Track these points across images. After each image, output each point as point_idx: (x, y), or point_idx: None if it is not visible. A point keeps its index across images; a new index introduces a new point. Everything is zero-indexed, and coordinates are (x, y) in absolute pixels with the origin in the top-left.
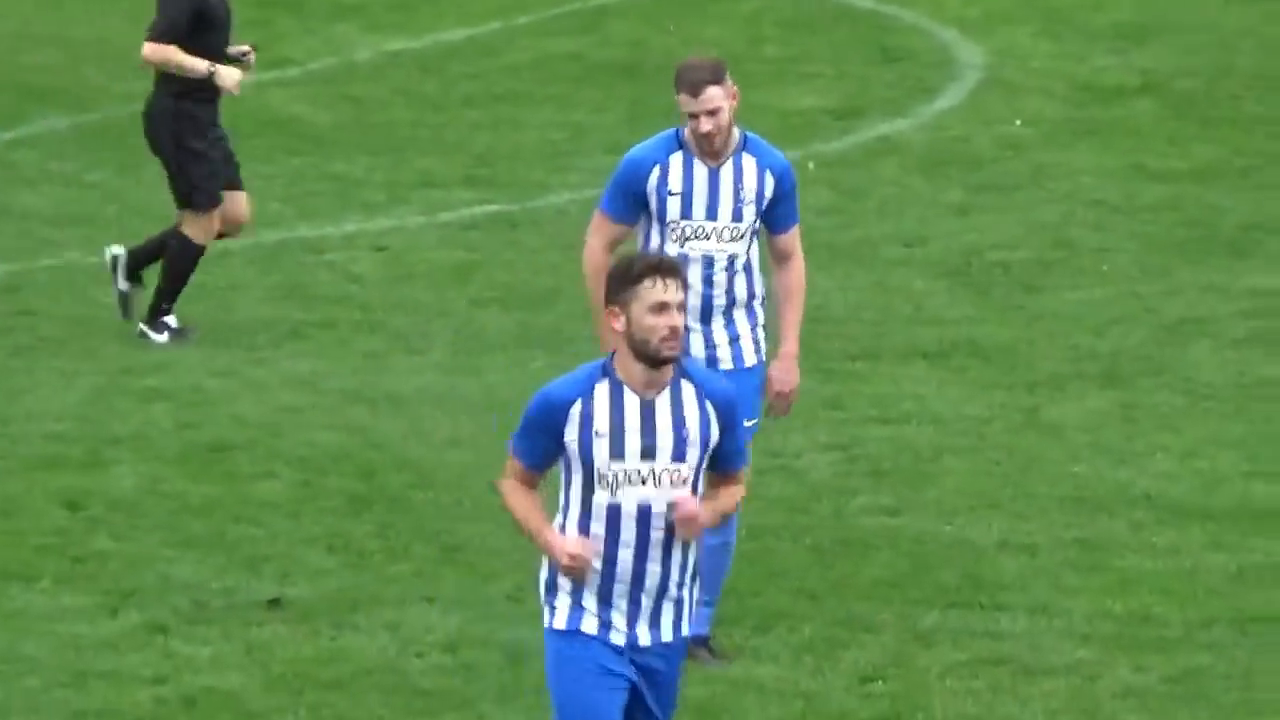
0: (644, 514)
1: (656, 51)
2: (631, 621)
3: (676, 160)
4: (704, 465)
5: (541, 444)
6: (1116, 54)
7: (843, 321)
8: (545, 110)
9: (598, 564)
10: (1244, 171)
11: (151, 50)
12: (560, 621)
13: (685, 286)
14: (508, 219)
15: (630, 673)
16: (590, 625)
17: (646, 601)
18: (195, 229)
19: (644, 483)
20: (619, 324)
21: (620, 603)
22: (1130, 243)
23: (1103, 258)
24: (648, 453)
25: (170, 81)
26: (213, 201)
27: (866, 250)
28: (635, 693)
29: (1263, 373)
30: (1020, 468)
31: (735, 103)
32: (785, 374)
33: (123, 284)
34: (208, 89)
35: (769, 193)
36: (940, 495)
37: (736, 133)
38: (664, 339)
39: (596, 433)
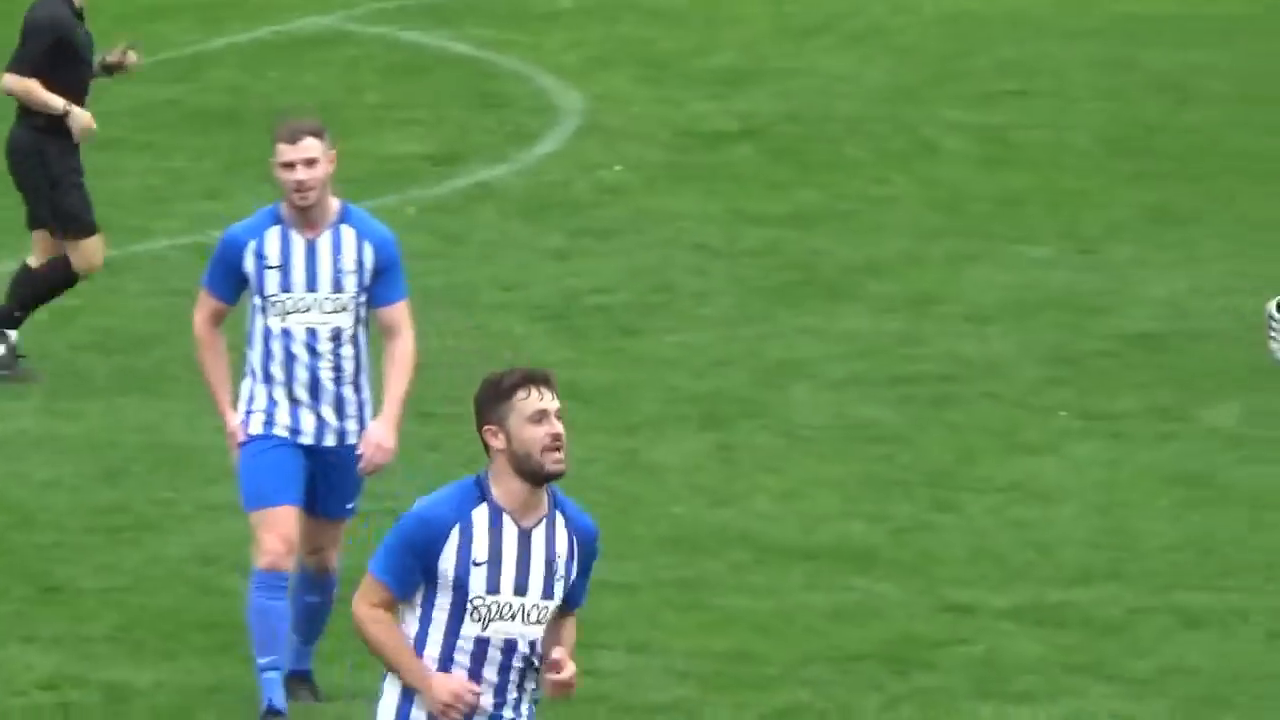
0: (509, 648)
1: (255, 98)
2: None
3: (273, 234)
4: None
5: (413, 568)
6: (716, 99)
7: (441, 366)
8: (144, 157)
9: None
10: (844, 215)
11: (13, 82)
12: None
13: (554, 392)
14: (107, 264)
15: None
16: None
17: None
18: (78, 258)
19: (513, 618)
20: (499, 442)
21: (506, 709)
22: (730, 286)
23: (703, 301)
24: (520, 589)
25: (34, 114)
26: (91, 229)
27: (466, 294)
28: None
29: (861, 414)
30: (620, 509)
31: (333, 167)
32: (380, 437)
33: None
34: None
35: (369, 264)
36: None
37: (336, 204)
38: (547, 448)
39: (474, 562)
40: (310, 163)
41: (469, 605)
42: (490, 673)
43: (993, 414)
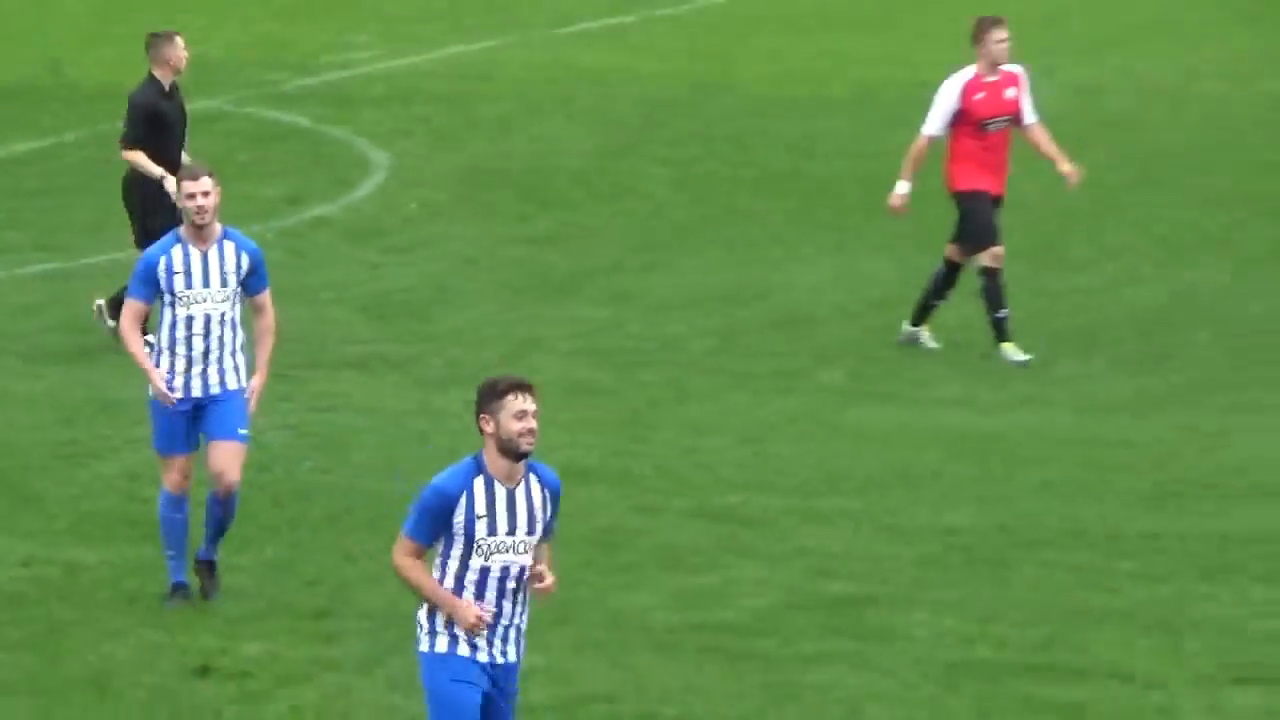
0: (505, 574)
1: None
2: (490, 644)
3: (178, 250)
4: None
5: (435, 526)
6: (482, 156)
7: (289, 341)
8: (91, 196)
9: (488, 618)
10: (569, 237)
11: (126, 154)
12: (441, 647)
13: (534, 396)
14: (67, 271)
15: (485, 683)
16: (462, 649)
17: (500, 631)
18: None
19: (508, 551)
20: (490, 429)
21: (484, 631)
22: (491, 287)
23: (472, 297)
24: (511, 530)
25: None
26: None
27: (309, 294)
28: (487, 695)
29: (581, 376)
30: (415, 438)
31: (219, 199)
32: (258, 385)
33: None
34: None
35: (244, 266)
36: None
37: (219, 227)
38: (523, 436)
39: (477, 515)
40: (206, 193)
41: (475, 545)
42: (491, 595)
43: (672, 375)
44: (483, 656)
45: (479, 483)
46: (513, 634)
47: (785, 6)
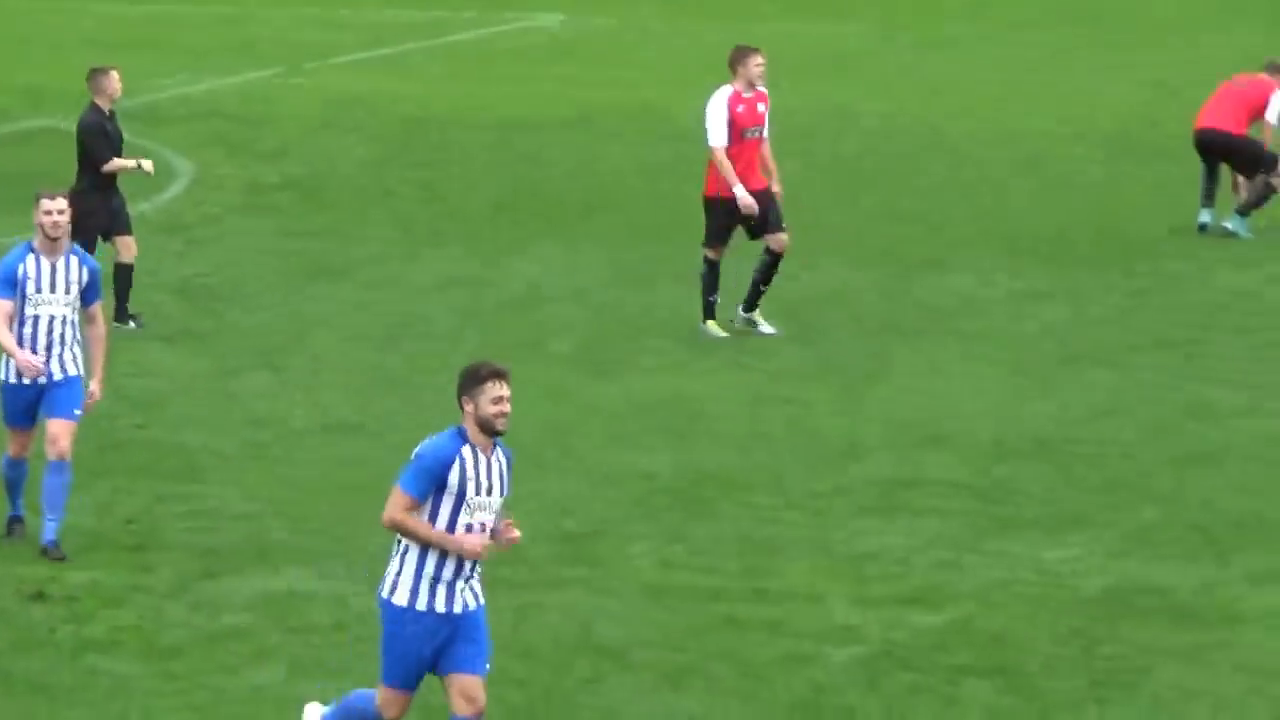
0: (481, 528)
1: (32, 178)
2: (450, 598)
3: (31, 259)
4: None
5: (430, 484)
6: (268, 165)
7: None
8: None
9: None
10: (346, 234)
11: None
12: (402, 600)
13: (508, 383)
14: None
15: (445, 633)
16: (421, 604)
17: (467, 577)
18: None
19: (485, 509)
20: (470, 409)
21: (457, 581)
22: (278, 275)
23: (264, 284)
24: (490, 491)
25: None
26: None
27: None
28: (446, 642)
29: (356, 349)
30: (183, 388)
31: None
32: (96, 387)
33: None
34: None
35: (85, 279)
36: None
37: (67, 241)
38: (498, 417)
39: (468, 478)
40: (61, 211)
41: (465, 503)
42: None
43: (427, 347)
44: (441, 608)
45: (466, 451)
46: (474, 584)
47: (520, 40)
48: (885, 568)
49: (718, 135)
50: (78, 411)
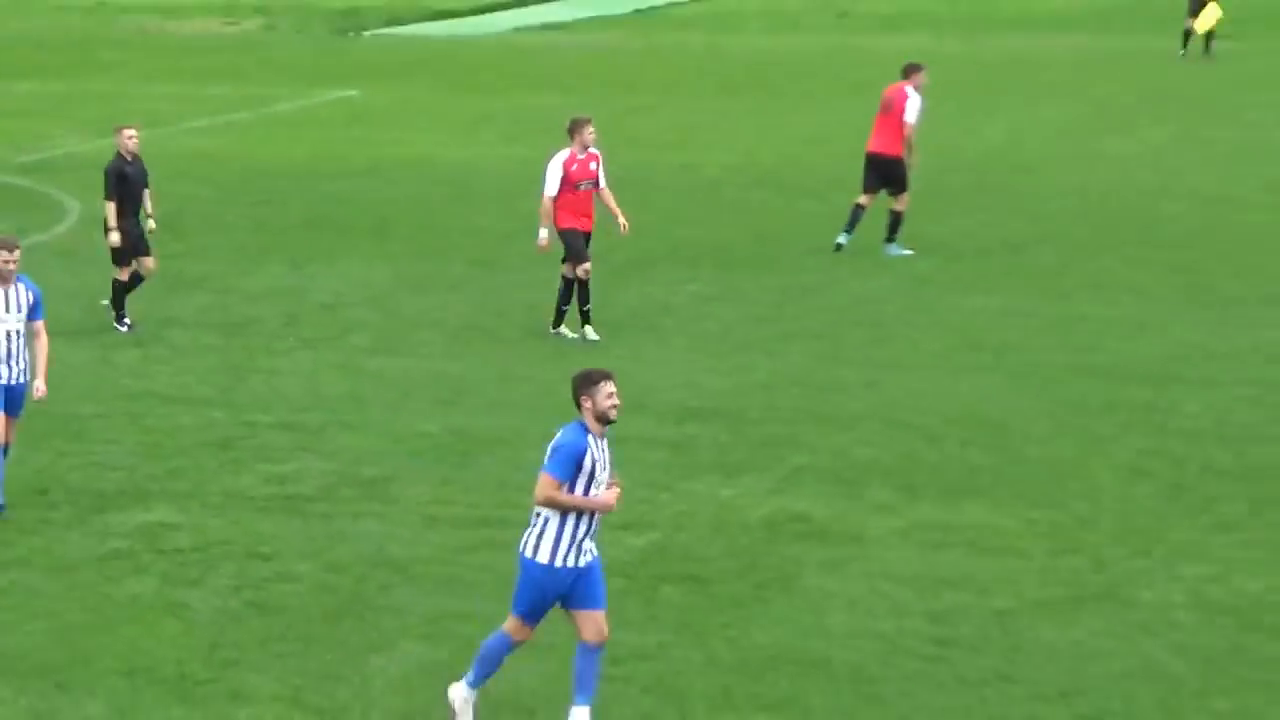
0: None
1: None
2: (578, 556)
3: None
4: None
5: (574, 469)
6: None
7: None
8: None
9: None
10: (204, 247)
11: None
12: (544, 558)
13: (615, 382)
14: None
15: (569, 581)
16: (558, 563)
17: (591, 536)
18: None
19: (604, 485)
20: (589, 405)
21: (585, 540)
22: None
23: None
24: (606, 467)
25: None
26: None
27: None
28: (573, 584)
29: (197, 335)
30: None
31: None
32: (40, 385)
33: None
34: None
35: (30, 301)
36: None
37: (16, 274)
38: (612, 409)
39: (594, 460)
40: (14, 259)
41: (594, 481)
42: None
43: (258, 340)
44: (572, 564)
45: (591, 440)
46: (591, 542)
47: (326, 110)
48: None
49: (550, 188)
50: (21, 413)
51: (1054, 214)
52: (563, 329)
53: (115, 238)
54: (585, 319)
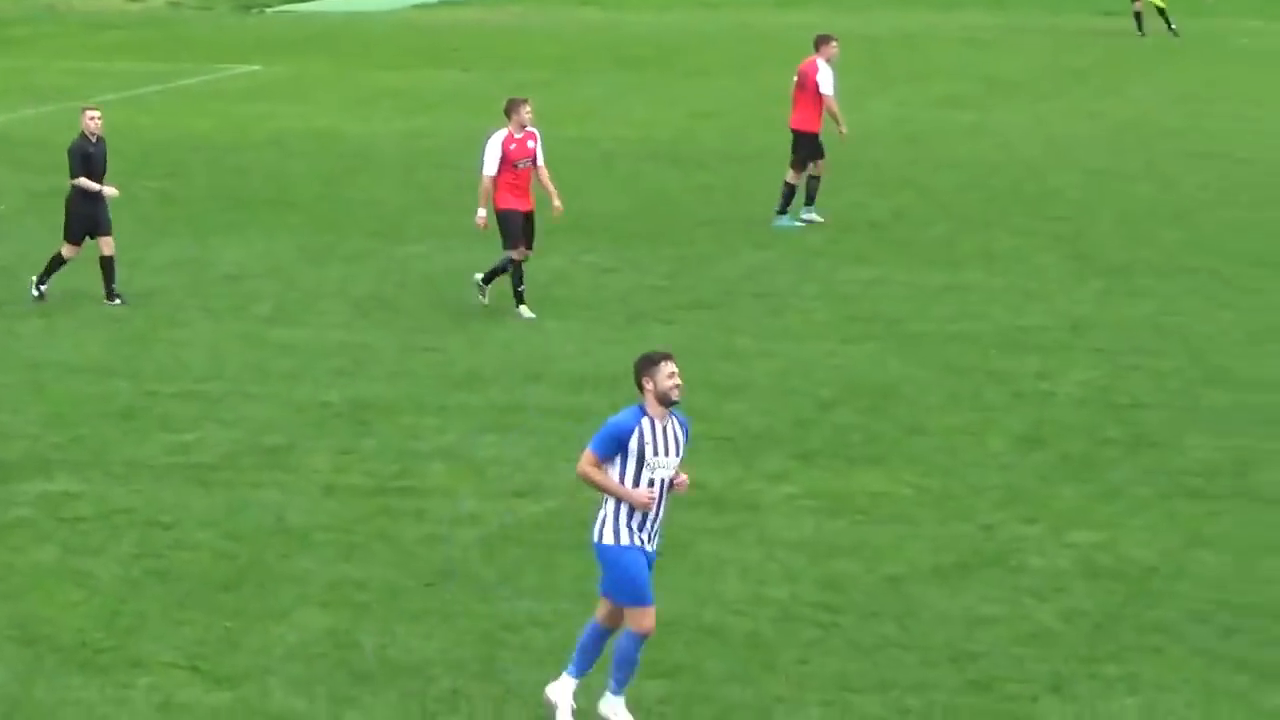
0: (663, 482)
1: None
2: (648, 540)
3: None
4: None
5: (614, 448)
6: (59, 173)
7: None
8: None
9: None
10: (171, 235)
11: (73, 181)
12: (625, 540)
13: (675, 361)
14: None
15: (645, 561)
16: (633, 543)
17: (653, 522)
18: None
19: (662, 467)
20: (650, 386)
21: (647, 526)
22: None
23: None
24: (665, 452)
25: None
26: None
27: None
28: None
29: (112, 308)
30: None
31: None
32: None
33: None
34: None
35: None
36: None
37: None
38: (673, 389)
39: (646, 443)
40: None
41: (645, 463)
42: (656, 494)
43: (162, 310)
44: (639, 543)
45: (645, 422)
46: (659, 526)
47: (228, 85)
48: (501, 470)
49: (489, 167)
50: None
51: (943, 186)
52: (522, 309)
53: (110, 190)
54: (519, 299)
